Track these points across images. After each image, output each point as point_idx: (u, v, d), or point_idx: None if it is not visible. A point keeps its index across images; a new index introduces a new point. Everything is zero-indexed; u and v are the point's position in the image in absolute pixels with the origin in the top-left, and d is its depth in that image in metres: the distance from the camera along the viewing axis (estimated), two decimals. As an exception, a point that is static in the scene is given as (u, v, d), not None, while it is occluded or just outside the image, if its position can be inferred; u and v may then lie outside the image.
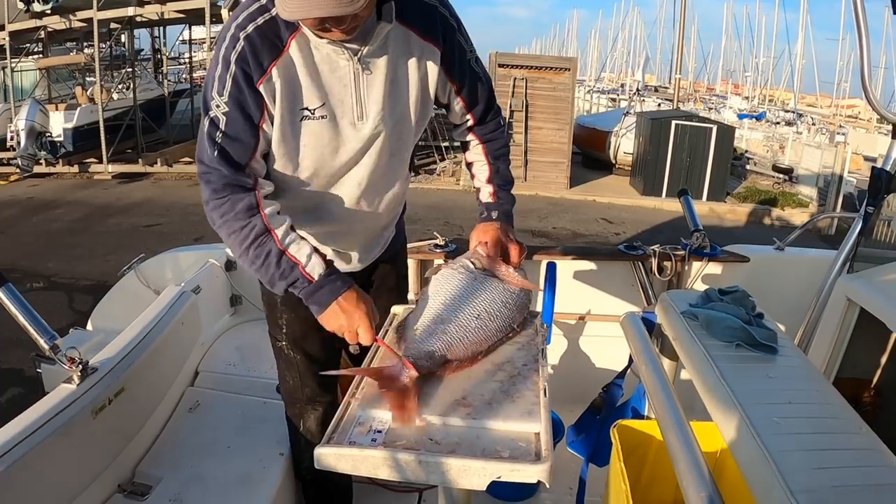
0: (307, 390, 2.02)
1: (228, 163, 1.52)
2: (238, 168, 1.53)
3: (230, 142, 1.51)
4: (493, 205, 1.82)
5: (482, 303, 1.50)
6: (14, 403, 4.46)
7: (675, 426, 1.32)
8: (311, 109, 1.54)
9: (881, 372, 2.50)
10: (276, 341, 2.00)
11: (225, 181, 1.52)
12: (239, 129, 1.51)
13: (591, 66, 53.21)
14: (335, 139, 1.59)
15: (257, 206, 1.53)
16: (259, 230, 1.52)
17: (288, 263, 1.53)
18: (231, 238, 1.55)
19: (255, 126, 1.52)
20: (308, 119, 1.55)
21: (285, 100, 1.51)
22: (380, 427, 1.22)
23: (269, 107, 1.51)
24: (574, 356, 3.17)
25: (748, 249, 3.18)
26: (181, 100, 18.86)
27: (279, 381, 2.10)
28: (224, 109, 1.49)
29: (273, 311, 1.95)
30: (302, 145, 1.58)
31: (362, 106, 1.58)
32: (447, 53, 1.66)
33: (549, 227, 10.80)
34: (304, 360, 1.97)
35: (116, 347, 2.07)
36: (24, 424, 1.64)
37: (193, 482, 2.12)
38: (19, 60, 15.36)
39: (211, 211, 1.55)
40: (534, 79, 13.64)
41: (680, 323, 1.71)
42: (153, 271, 3.06)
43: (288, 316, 1.92)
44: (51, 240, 9.06)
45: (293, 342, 1.96)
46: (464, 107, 1.80)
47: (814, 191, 13.45)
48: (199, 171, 1.57)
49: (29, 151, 13.21)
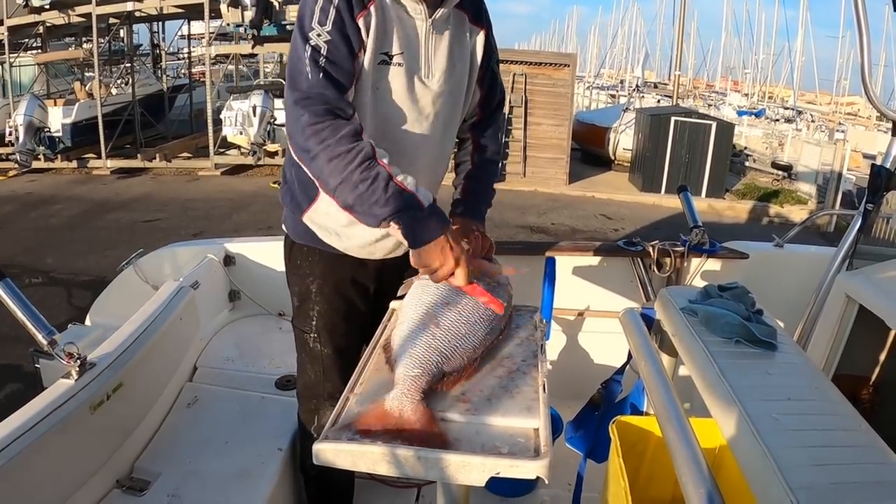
0: (329, 385, 1.98)
1: (334, 85, 1.49)
2: (342, 92, 1.51)
3: (334, 66, 1.50)
4: (460, 200, 1.86)
5: (466, 307, 1.45)
6: (12, 399, 4.45)
7: (675, 422, 1.32)
8: (390, 55, 1.59)
9: (880, 369, 2.50)
10: (302, 333, 1.97)
11: (327, 106, 1.47)
12: (342, 57, 1.50)
13: (591, 62, 53.18)
14: (405, 90, 1.64)
15: (361, 133, 1.49)
16: (367, 154, 1.46)
17: (396, 189, 1.45)
18: (332, 163, 1.46)
19: (355, 56, 1.53)
20: (385, 64, 1.59)
21: (376, 39, 1.55)
22: (379, 423, 1.21)
23: (364, 41, 1.54)
24: (572, 352, 3.17)
25: (747, 246, 3.18)
26: (180, 95, 18.83)
27: (297, 375, 2.07)
28: (326, 38, 1.49)
29: (305, 301, 1.93)
30: (376, 89, 1.61)
31: (430, 64, 1.65)
32: (486, 39, 1.79)
33: (548, 223, 10.79)
34: (330, 353, 1.95)
35: (115, 343, 2.07)
36: (22, 420, 1.63)
37: (192, 477, 2.12)
38: (18, 55, 15.31)
39: (307, 138, 1.47)
40: (533, 74, 13.62)
41: (679, 319, 1.71)
42: (152, 266, 3.05)
43: (321, 307, 1.91)
44: (49, 235, 9.04)
45: (323, 334, 1.93)
46: (480, 99, 1.88)
47: (813, 188, 13.44)
48: (294, 99, 1.50)
49: (27, 147, 13.19)
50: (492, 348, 1.47)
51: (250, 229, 8.86)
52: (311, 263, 1.90)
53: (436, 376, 1.31)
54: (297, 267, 1.93)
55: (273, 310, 3.21)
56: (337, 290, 1.91)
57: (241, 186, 12.61)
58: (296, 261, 1.93)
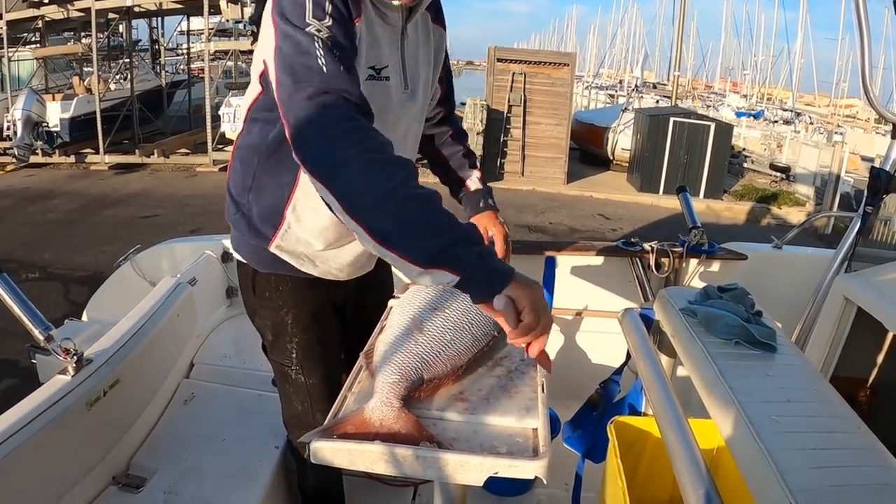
0: (318, 416, 1.79)
1: (352, 77, 1.25)
2: (358, 86, 1.26)
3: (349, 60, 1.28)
4: (487, 191, 1.86)
5: (454, 312, 1.38)
6: (8, 394, 4.44)
7: (674, 423, 1.32)
8: (377, 69, 1.46)
9: (877, 371, 2.50)
10: (282, 367, 1.80)
11: (357, 105, 1.22)
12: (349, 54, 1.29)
13: (590, 62, 53.27)
14: (388, 101, 1.51)
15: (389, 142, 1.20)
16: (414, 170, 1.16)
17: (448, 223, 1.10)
18: (372, 173, 1.12)
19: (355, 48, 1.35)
20: (373, 78, 1.45)
21: (367, 47, 1.41)
22: (377, 421, 1.21)
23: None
24: (570, 352, 3.16)
25: (746, 247, 3.17)
26: (178, 91, 18.84)
27: (283, 406, 1.92)
28: (327, 33, 1.25)
29: (281, 335, 1.76)
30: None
31: (407, 75, 1.56)
32: (444, 36, 1.72)
33: (546, 223, 10.80)
34: (316, 383, 1.79)
35: (111, 339, 2.06)
36: (18, 416, 1.63)
37: (188, 474, 2.12)
38: (17, 50, 15.30)
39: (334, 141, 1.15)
40: (532, 74, 13.63)
41: (679, 320, 1.71)
42: (149, 262, 3.04)
43: (299, 338, 1.75)
44: (46, 230, 9.04)
45: (305, 365, 1.78)
46: (441, 96, 1.83)
47: (811, 190, 13.47)
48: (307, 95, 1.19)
49: (25, 141, 13.17)
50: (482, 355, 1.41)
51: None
52: (281, 293, 1.72)
53: (415, 382, 1.26)
54: (265, 299, 1.74)
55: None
56: (314, 317, 1.75)
57: (239, 183, 12.55)
58: (263, 293, 1.73)
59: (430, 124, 1.89)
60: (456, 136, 1.91)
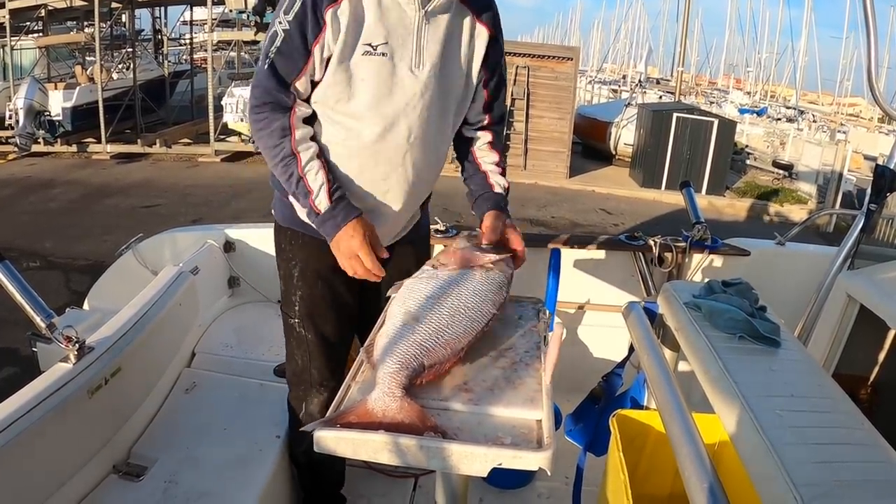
0: (315, 372, 1.98)
1: (275, 77, 1.62)
2: (282, 84, 1.63)
3: (281, 57, 1.61)
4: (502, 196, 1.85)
5: (451, 297, 1.41)
6: (10, 382, 4.45)
7: (678, 416, 1.32)
8: (373, 45, 1.61)
9: (879, 369, 2.50)
10: (287, 318, 1.97)
11: (266, 98, 1.63)
12: (293, 47, 1.59)
13: (594, 57, 53.12)
14: (391, 78, 1.64)
15: (290, 128, 1.64)
16: (286, 152, 1.64)
17: (303, 189, 1.64)
18: (263, 152, 1.68)
19: (309, 48, 1.59)
20: (369, 54, 1.61)
21: (350, 30, 1.58)
22: (380, 411, 1.21)
23: (328, 34, 1.58)
24: (573, 345, 3.16)
25: (749, 243, 3.17)
26: (181, 81, 18.78)
27: (286, 361, 2.06)
28: (285, 27, 1.59)
29: (288, 286, 1.93)
30: (360, 79, 1.63)
31: (421, 54, 1.65)
32: (492, 41, 1.76)
33: (548, 217, 10.79)
34: (315, 339, 1.94)
35: (113, 327, 2.06)
36: (20, 403, 1.63)
37: (189, 464, 2.11)
38: (19, 39, 15.27)
39: (250, 122, 1.70)
40: (536, 67, 13.60)
41: (683, 313, 1.70)
42: (151, 251, 3.04)
43: (303, 292, 1.91)
44: (48, 219, 9.03)
45: (306, 320, 1.93)
46: (485, 102, 1.85)
47: (813, 188, 13.45)
48: (251, 84, 1.71)
49: (27, 130, 13.15)
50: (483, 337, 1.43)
51: (250, 216, 8.82)
52: (294, 247, 1.90)
53: (416, 370, 1.28)
54: (282, 251, 1.94)
55: (272, 297, 3.19)
56: (319, 275, 1.89)
57: (241, 173, 12.58)
58: (280, 244, 1.94)
59: (472, 128, 1.90)
60: (491, 146, 1.90)
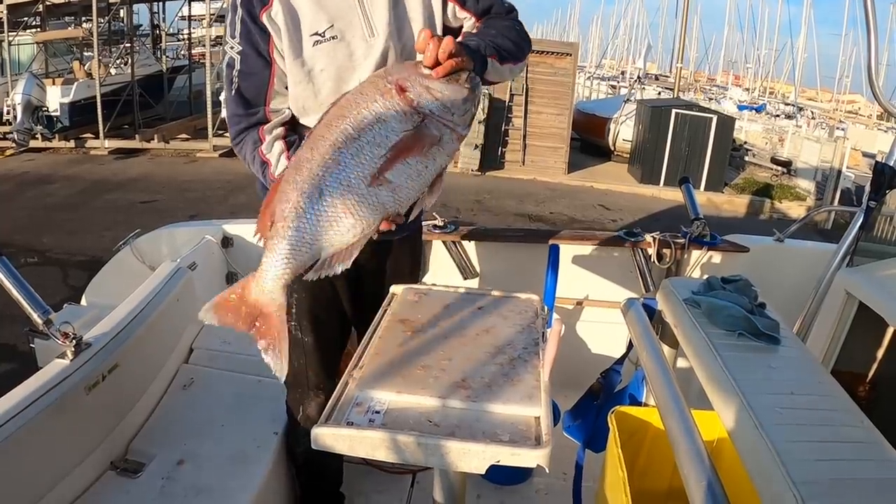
0: (311, 374, 1.97)
1: (242, 102, 1.63)
2: (250, 106, 1.63)
3: (245, 77, 1.61)
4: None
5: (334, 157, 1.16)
6: (7, 378, 4.40)
7: (677, 413, 1.31)
8: (320, 33, 1.57)
9: (877, 366, 2.50)
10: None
11: (241, 125, 1.65)
12: (252, 64, 1.60)
13: (593, 53, 53.00)
14: (349, 58, 1.61)
15: (260, 140, 1.64)
16: (259, 161, 1.65)
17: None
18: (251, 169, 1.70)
19: (267, 58, 1.59)
20: (320, 42, 1.58)
21: (291, 25, 1.56)
22: (378, 408, 1.20)
23: (275, 36, 1.57)
24: (571, 341, 3.16)
25: (748, 239, 3.17)
26: (179, 76, 18.73)
27: None
28: (238, 49, 1.59)
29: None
30: (319, 70, 1.60)
31: (370, 22, 1.59)
32: None
33: (547, 212, 10.79)
34: (312, 342, 1.94)
35: (111, 323, 2.05)
36: (17, 399, 1.62)
37: (187, 460, 2.11)
38: (17, 34, 15.22)
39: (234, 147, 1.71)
40: (535, 63, 13.58)
41: (682, 310, 1.70)
42: (149, 247, 3.03)
43: (299, 295, 1.88)
44: (46, 214, 9.02)
45: (302, 323, 1.92)
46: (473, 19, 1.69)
47: (811, 184, 13.46)
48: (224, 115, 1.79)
49: (25, 126, 13.15)
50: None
51: (247, 212, 8.76)
52: None
53: (302, 264, 1.19)
54: None
55: (270, 293, 3.19)
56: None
57: (239, 169, 12.43)
58: None
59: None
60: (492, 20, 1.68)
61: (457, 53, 1.19)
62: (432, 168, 1.22)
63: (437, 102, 1.17)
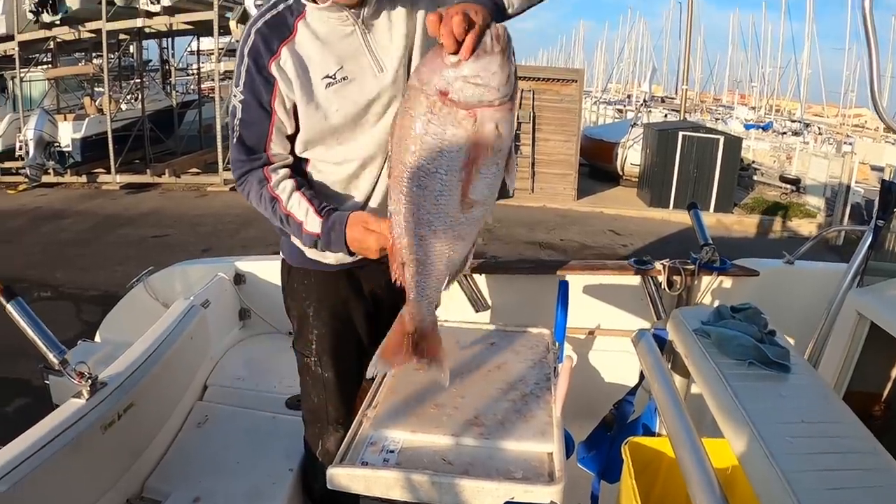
0: (331, 410, 1.97)
1: (244, 148, 1.69)
2: (252, 152, 1.69)
3: (246, 126, 1.67)
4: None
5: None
6: (22, 413, 4.46)
7: (688, 444, 1.32)
8: (331, 75, 1.62)
9: (892, 385, 2.49)
10: (302, 357, 1.97)
11: (243, 168, 1.71)
12: (253, 114, 1.65)
13: (598, 78, 53.18)
14: (362, 94, 1.65)
15: (266, 178, 1.69)
16: (268, 198, 1.68)
17: (295, 225, 1.66)
18: (260, 211, 1.73)
19: (268, 108, 1.64)
20: (332, 84, 1.63)
21: (301, 72, 1.61)
22: (392, 447, 1.21)
23: (281, 86, 1.62)
24: (583, 371, 3.15)
25: (758, 263, 3.16)
26: (189, 111, 18.90)
27: (301, 399, 2.06)
28: (241, 98, 1.65)
29: (303, 325, 1.94)
30: (335, 111, 1.65)
31: (378, 59, 1.64)
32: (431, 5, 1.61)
33: (557, 239, 10.78)
34: (332, 377, 1.94)
35: (126, 362, 2.07)
36: (34, 439, 1.64)
37: (203, 497, 2.12)
38: (28, 70, 15.42)
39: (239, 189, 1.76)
40: (541, 90, 13.65)
41: (692, 341, 1.70)
42: (162, 284, 3.06)
43: (319, 331, 1.91)
44: (59, 250, 9.08)
45: (322, 358, 1.93)
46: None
47: (821, 201, 13.40)
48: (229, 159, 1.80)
49: (37, 161, 13.26)
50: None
51: (258, 245, 8.86)
52: (306, 286, 1.92)
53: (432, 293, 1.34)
54: (293, 290, 1.96)
55: (283, 329, 3.20)
56: (333, 312, 1.91)
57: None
58: (293, 284, 1.96)
59: None
60: None
61: (470, 20, 1.14)
62: (501, 160, 1.27)
63: (480, 87, 1.15)
